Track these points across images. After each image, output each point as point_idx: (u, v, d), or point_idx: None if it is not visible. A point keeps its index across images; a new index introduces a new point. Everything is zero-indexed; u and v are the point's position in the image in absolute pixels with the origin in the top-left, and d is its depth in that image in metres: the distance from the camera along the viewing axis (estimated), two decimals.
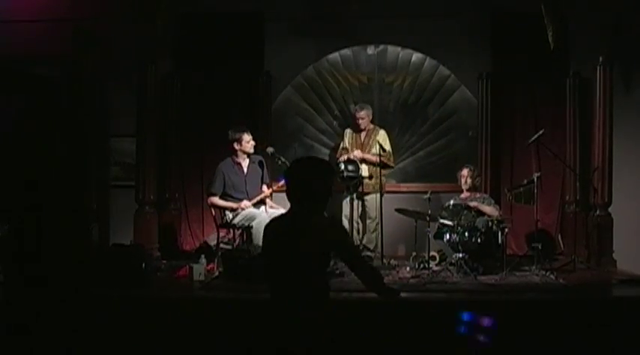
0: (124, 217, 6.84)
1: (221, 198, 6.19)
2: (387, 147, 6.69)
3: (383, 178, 6.61)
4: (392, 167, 6.85)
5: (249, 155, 6.28)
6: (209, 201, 6.25)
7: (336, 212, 6.69)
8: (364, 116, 6.73)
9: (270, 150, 6.35)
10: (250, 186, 6.24)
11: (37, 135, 6.93)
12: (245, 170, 6.28)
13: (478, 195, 6.54)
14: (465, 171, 6.55)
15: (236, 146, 6.22)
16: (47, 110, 7.02)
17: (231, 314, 4.74)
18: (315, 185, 2.92)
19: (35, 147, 6.87)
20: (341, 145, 6.93)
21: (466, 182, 6.52)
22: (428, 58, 7.38)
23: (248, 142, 6.21)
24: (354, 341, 4.18)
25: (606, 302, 5.07)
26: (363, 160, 6.66)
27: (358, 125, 6.77)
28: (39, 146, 6.90)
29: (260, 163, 6.34)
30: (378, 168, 6.51)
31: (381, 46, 7.43)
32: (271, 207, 6.25)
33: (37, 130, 6.95)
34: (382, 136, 6.78)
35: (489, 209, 6.28)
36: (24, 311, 4.76)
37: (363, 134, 6.82)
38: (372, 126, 6.84)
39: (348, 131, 6.92)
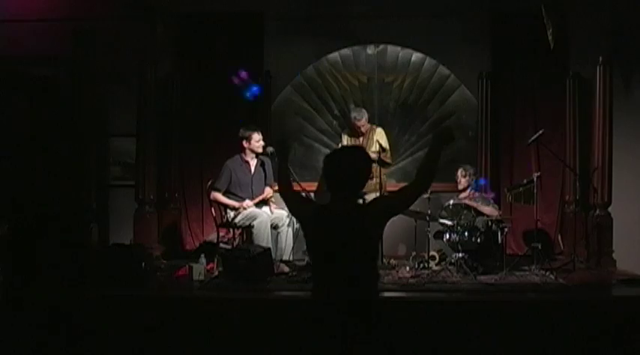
0: (123, 217, 6.86)
1: (224, 195, 6.19)
2: (385, 144, 6.68)
3: (383, 177, 6.61)
4: (390, 164, 6.84)
5: (257, 155, 6.29)
6: (211, 196, 6.24)
7: None
8: (364, 123, 6.71)
9: (270, 150, 6.34)
10: (256, 185, 6.26)
11: (37, 135, 6.94)
12: (252, 169, 6.30)
13: (477, 194, 6.54)
14: (458, 172, 6.55)
15: (245, 144, 6.23)
16: (47, 110, 7.02)
17: (231, 314, 4.74)
18: (361, 171, 2.91)
19: (35, 147, 6.88)
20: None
21: (460, 182, 6.53)
22: (428, 58, 7.38)
23: (257, 142, 6.22)
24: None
25: (606, 302, 5.07)
26: None
27: (359, 131, 6.75)
28: (39, 146, 6.90)
29: (263, 164, 6.34)
30: (379, 168, 6.50)
31: (381, 46, 7.43)
32: (276, 208, 6.25)
33: (37, 130, 6.96)
34: (380, 134, 6.77)
35: (488, 209, 6.28)
36: (23, 311, 4.76)
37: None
38: (369, 125, 6.83)
39: (345, 134, 6.92)
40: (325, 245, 2.86)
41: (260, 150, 6.26)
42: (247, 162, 6.29)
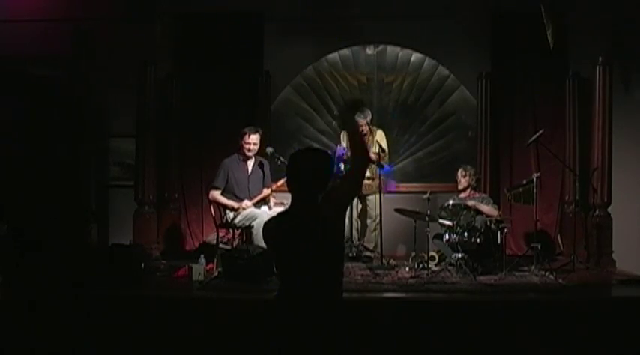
0: (123, 217, 6.85)
1: (222, 195, 6.18)
2: (385, 146, 6.68)
3: (383, 178, 6.61)
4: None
5: (254, 155, 6.27)
6: (210, 196, 6.23)
7: None
8: (364, 124, 6.70)
9: (269, 150, 6.35)
10: (253, 185, 6.24)
11: (37, 135, 6.94)
12: (250, 169, 6.28)
13: (477, 195, 6.53)
14: (458, 172, 6.55)
15: (239, 142, 6.21)
16: (47, 110, 7.02)
17: (230, 314, 4.74)
18: (323, 174, 2.87)
19: (35, 147, 6.88)
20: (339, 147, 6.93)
21: (460, 182, 6.53)
22: (427, 58, 7.38)
23: (247, 143, 6.15)
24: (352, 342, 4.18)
25: (605, 302, 5.07)
26: None
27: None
28: (38, 146, 6.90)
29: (262, 165, 6.33)
30: (377, 169, 6.50)
31: (381, 46, 7.44)
32: (275, 204, 6.21)
33: (36, 130, 6.96)
34: (380, 136, 6.77)
35: (487, 208, 6.28)
36: (23, 312, 4.76)
37: None
38: (370, 126, 6.82)
39: (345, 133, 6.91)
40: (287, 246, 2.84)
41: (249, 153, 6.20)
42: (244, 161, 6.26)
